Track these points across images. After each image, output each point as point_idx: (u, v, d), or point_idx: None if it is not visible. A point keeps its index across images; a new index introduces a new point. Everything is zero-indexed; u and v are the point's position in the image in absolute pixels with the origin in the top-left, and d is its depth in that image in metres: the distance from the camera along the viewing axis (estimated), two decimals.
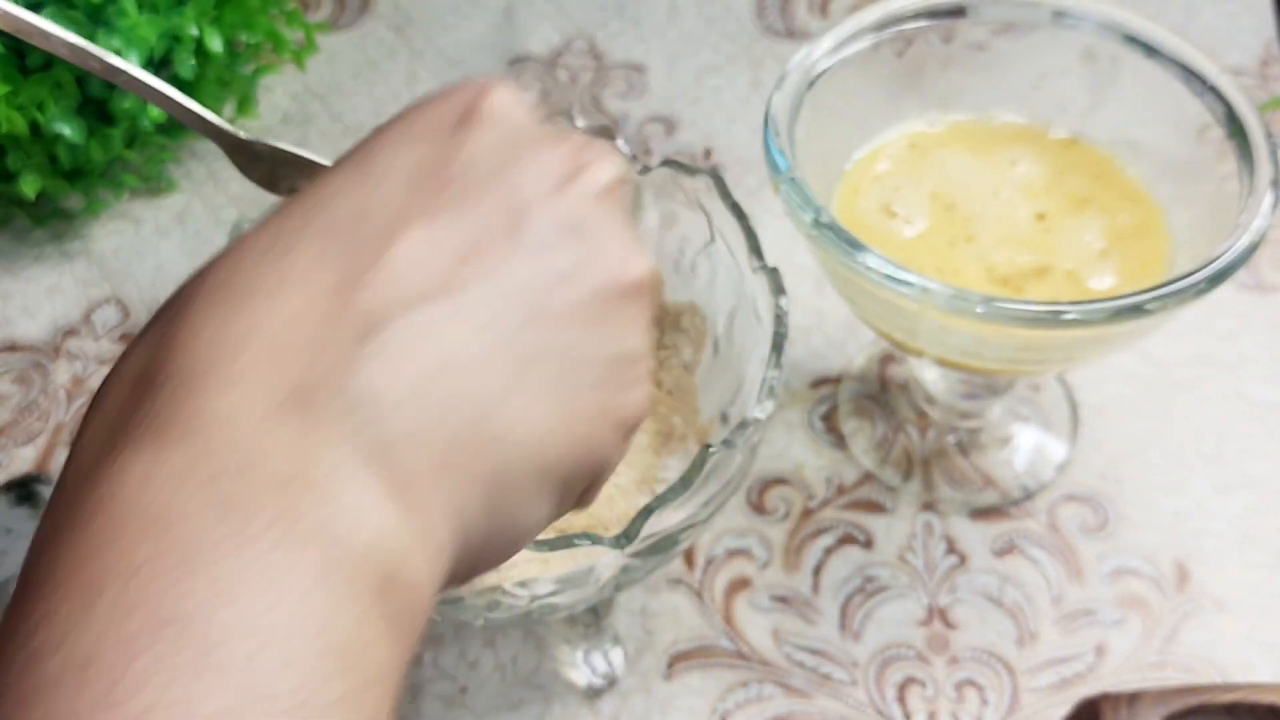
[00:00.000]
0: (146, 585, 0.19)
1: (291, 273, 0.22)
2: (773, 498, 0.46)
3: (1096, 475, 0.46)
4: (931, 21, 0.42)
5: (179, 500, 0.20)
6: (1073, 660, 0.42)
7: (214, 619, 0.19)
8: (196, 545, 0.19)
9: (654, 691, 0.42)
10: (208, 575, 0.19)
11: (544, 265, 0.24)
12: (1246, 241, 0.35)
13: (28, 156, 0.51)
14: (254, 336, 0.21)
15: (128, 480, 0.20)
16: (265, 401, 0.21)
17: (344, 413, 0.21)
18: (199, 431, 0.20)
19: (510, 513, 0.24)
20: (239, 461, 0.20)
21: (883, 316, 0.38)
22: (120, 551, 0.19)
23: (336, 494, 0.20)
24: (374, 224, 0.23)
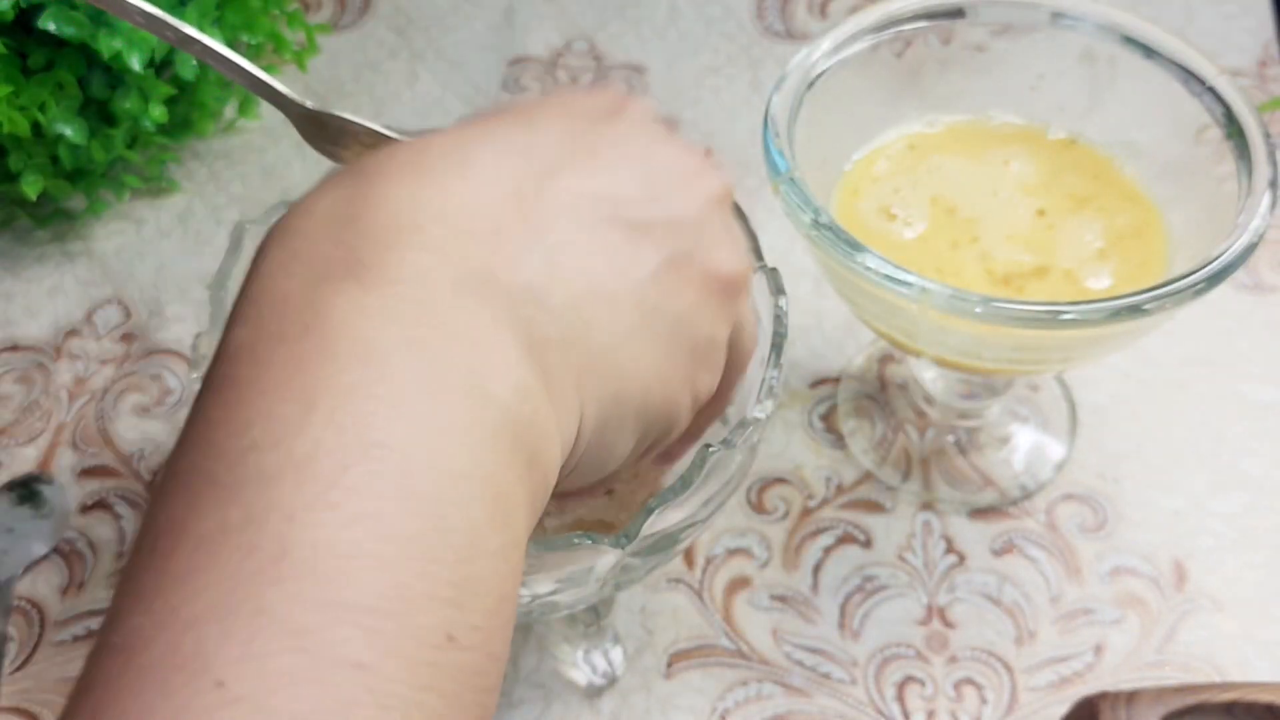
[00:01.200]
0: (358, 406, 0.21)
1: (476, 165, 0.25)
2: (772, 497, 0.46)
3: (1095, 475, 0.46)
4: (930, 23, 0.42)
5: (385, 336, 0.22)
6: (1071, 659, 0.42)
7: (411, 453, 0.21)
8: (400, 383, 0.21)
9: (654, 690, 0.42)
10: (409, 412, 0.21)
11: (672, 240, 0.27)
12: (1244, 242, 0.35)
13: (29, 157, 0.52)
14: (447, 209, 0.24)
15: (337, 308, 0.22)
16: (455, 272, 0.23)
17: (518, 302, 0.24)
18: (402, 281, 0.22)
19: (611, 437, 0.27)
20: (433, 316, 0.22)
21: (882, 317, 0.38)
22: (333, 370, 0.21)
23: (509, 372, 0.23)
24: (543, 156, 0.26)
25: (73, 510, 0.48)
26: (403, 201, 0.24)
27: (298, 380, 0.21)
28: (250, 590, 0.19)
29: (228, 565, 0.19)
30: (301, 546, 0.19)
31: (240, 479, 0.20)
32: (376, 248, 0.23)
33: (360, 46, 0.64)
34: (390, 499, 0.20)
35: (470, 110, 0.61)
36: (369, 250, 0.23)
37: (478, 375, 0.22)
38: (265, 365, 0.22)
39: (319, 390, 0.21)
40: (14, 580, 0.45)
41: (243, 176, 0.59)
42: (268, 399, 0.21)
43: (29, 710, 0.42)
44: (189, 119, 0.57)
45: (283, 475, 0.20)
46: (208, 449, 0.21)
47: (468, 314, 0.23)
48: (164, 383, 0.51)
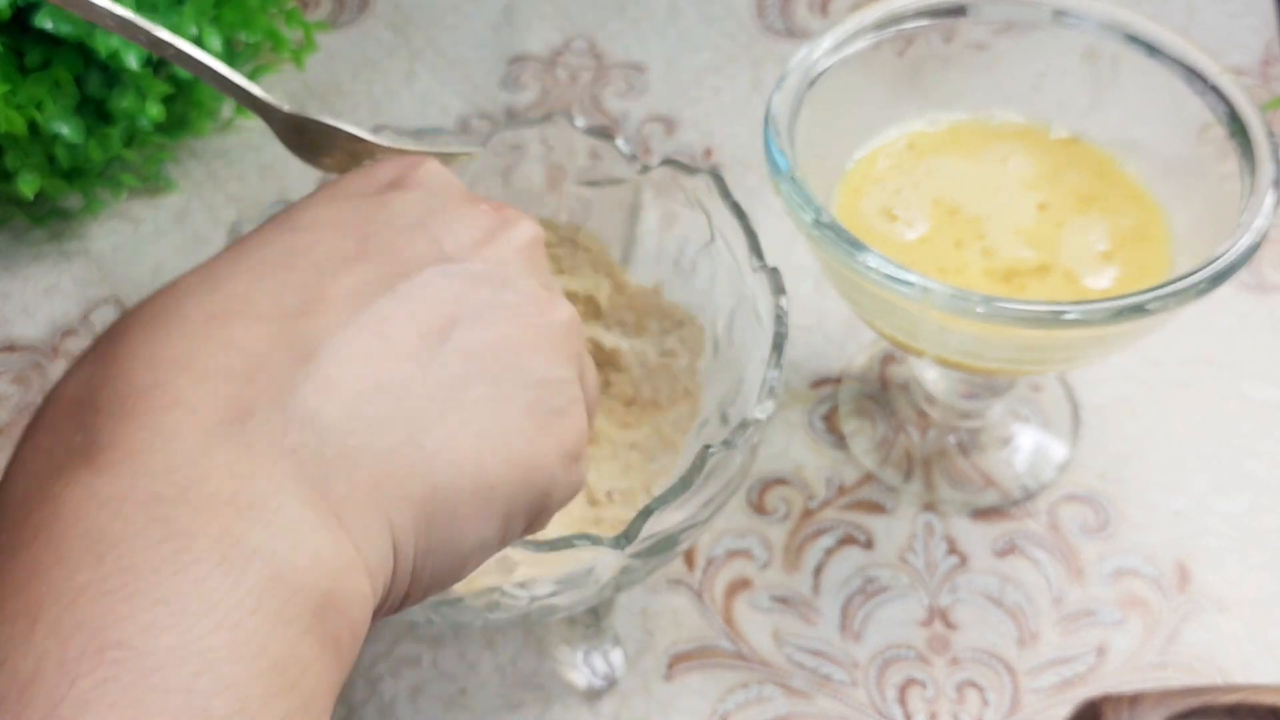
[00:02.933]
0: (88, 608, 0.19)
1: (227, 303, 0.23)
2: (773, 498, 0.46)
3: (1097, 475, 0.46)
4: (932, 21, 0.42)
5: (119, 522, 0.20)
6: (1074, 661, 0.42)
7: (155, 643, 0.19)
8: (138, 568, 0.19)
9: (654, 692, 0.42)
10: (149, 599, 0.19)
11: (469, 305, 0.25)
12: (1247, 241, 0.35)
13: (26, 156, 0.51)
14: (192, 359, 0.22)
15: (68, 502, 0.20)
16: (204, 422, 0.21)
17: (281, 433, 0.21)
18: (139, 453, 0.20)
19: (449, 533, 0.24)
20: (179, 481, 0.20)
21: (883, 316, 0.38)
22: (62, 574, 0.19)
23: (274, 517, 0.21)
24: (305, 263, 0.24)
25: None
26: (148, 359, 0.22)
27: (27, 592, 0.19)
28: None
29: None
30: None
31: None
32: (113, 421, 0.21)
33: (358, 45, 0.64)
34: (127, 704, 0.18)
35: (470, 109, 0.61)
36: (107, 425, 0.21)
37: (233, 536, 0.20)
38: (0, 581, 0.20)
39: (47, 600, 0.19)
40: None
41: (240, 176, 0.59)
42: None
43: None
44: (186, 118, 0.57)
45: (3, 703, 0.18)
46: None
47: (224, 465, 0.21)
48: None
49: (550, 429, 0.26)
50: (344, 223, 0.25)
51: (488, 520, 0.25)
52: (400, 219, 0.26)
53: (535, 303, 0.27)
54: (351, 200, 0.26)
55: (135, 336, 0.22)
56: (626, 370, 0.42)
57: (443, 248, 0.26)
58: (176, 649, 0.19)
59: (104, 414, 0.21)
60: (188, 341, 0.22)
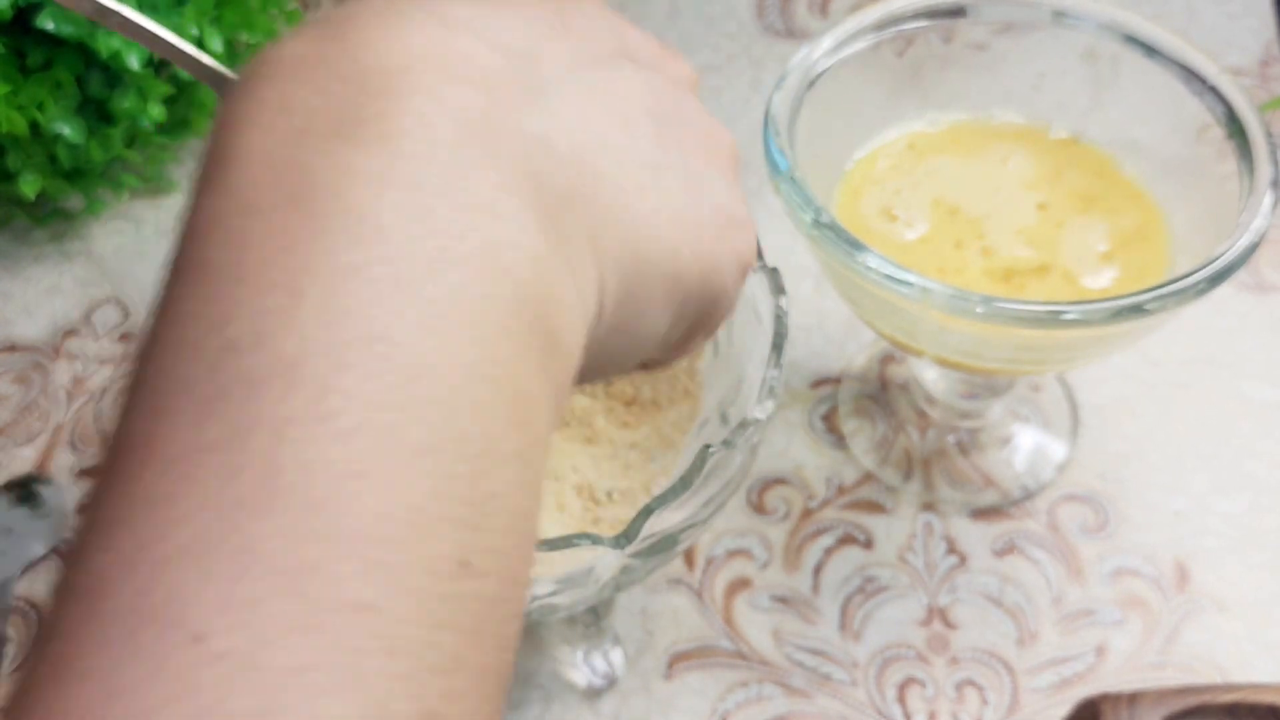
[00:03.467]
0: (355, 294, 0.18)
1: (457, 16, 0.21)
2: (773, 498, 0.46)
3: (1097, 475, 0.46)
4: (931, 21, 0.42)
5: (384, 205, 0.18)
6: (1073, 660, 0.42)
7: (419, 348, 0.18)
8: (404, 263, 0.18)
9: (654, 691, 0.42)
10: (419, 299, 0.18)
11: (665, 105, 0.25)
12: (1246, 241, 0.35)
13: (27, 156, 0.51)
14: (438, 55, 0.20)
15: (324, 170, 0.19)
16: (454, 120, 0.20)
17: (524, 153, 0.21)
18: (397, 136, 0.19)
19: (638, 308, 0.24)
20: (440, 175, 0.19)
21: (883, 316, 0.38)
22: (324, 250, 0.18)
23: (525, 239, 0.20)
24: (515, 17, 0.23)
25: (71, 511, 0.47)
26: (386, 43, 0.20)
27: (282, 263, 0.18)
28: (233, 522, 0.16)
29: (205, 492, 0.16)
30: (291, 468, 0.16)
31: (217, 387, 0.17)
32: (364, 94, 0.19)
33: None
34: (396, 406, 0.17)
35: None
36: (355, 97, 0.19)
37: (490, 248, 0.19)
38: (243, 245, 0.18)
39: (308, 275, 0.18)
40: (13, 581, 0.45)
41: None
42: (247, 287, 0.18)
43: None
44: (187, 118, 0.57)
45: (268, 381, 0.17)
46: (178, 350, 0.18)
47: (475, 172, 0.20)
48: None
49: (730, 238, 0.26)
50: (547, 11, 0.24)
51: (668, 305, 0.24)
52: (594, 23, 0.25)
53: (712, 126, 0.27)
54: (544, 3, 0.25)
55: (370, 20, 0.21)
56: None
57: (633, 54, 0.26)
58: (437, 359, 0.18)
59: (351, 82, 0.20)
60: (427, 41, 0.21)
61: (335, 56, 0.20)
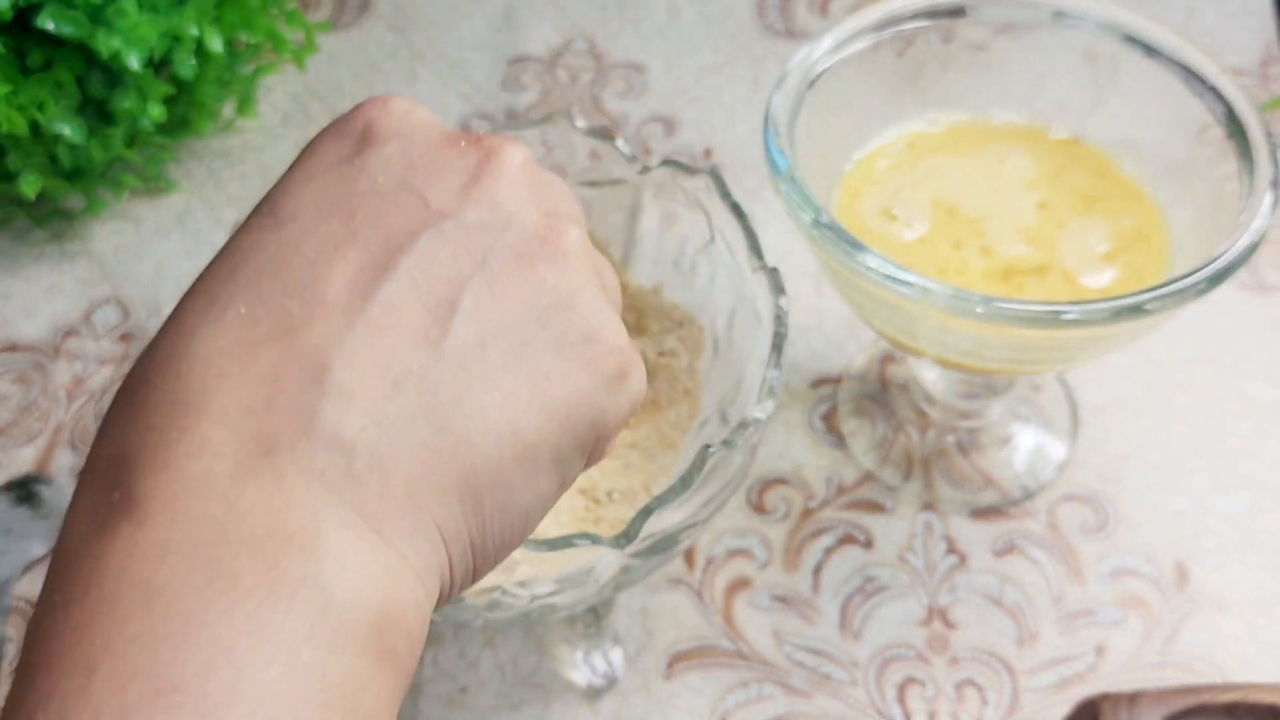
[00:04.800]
0: (141, 656, 0.19)
1: (233, 328, 0.22)
2: (773, 498, 0.46)
3: (1096, 475, 0.46)
4: (931, 21, 0.42)
5: (164, 570, 0.20)
6: (1073, 660, 0.42)
7: (210, 683, 0.19)
8: (186, 612, 0.19)
9: (654, 691, 0.42)
10: (200, 640, 0.19)
11: (471, 263, 0.24)
12: (1246, 241, 0.35)
13: (28, 156, 0.51)
14: (210, 401, 0.21)
15: (113, 555, 0.20)
16: (232, 461, 0.21)
17: (308, 457, 0.21)
18: (174, 502, 0.20)
19: (503, 500, 0.23)
20: (217, 524, 0.20)
21: (883, 316, 0.38)
22: (113, 625, 0.19)
23: (315, 543, 0.21)
24: (297, 262, 0.23)
25: None
26: (162, 412, 0.22)
27: (80, 647, 0.19)
28: None
29: None
30: None
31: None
32: (147, 475, 0.21)
33: (359, 46, 0.64)
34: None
35: (470, 110, 0.61)
36: (141, 482, 0.21)
37: (278, 570, 0.20)
38: (51, 639, 0.20)
39: (100, 652, 0.19)
40: (12, 581, 0.45)
41: (241, 176, 0.59)
42: (52, 676, 0.19)
43: None
44: (187, 118, 0.57)
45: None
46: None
47: (256, 506, 0.20)
48: None
49: (583, 360, 0.24)
50: (326, 202, 0.24)
51: (539, 476, 0.24)
52: (381, 182, 0.24)
53: (538, 236, 0.25)
54: (330, 172, 0.25)
55: (153, 384, 0.22)
56: None
57: (430, 205, 0.24)
58: (232, 687, 0.19)
59: (138, 469, 0.21)
60: (203, 382, 0.22)
61: (126, 443, 0.22)
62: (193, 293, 0.24)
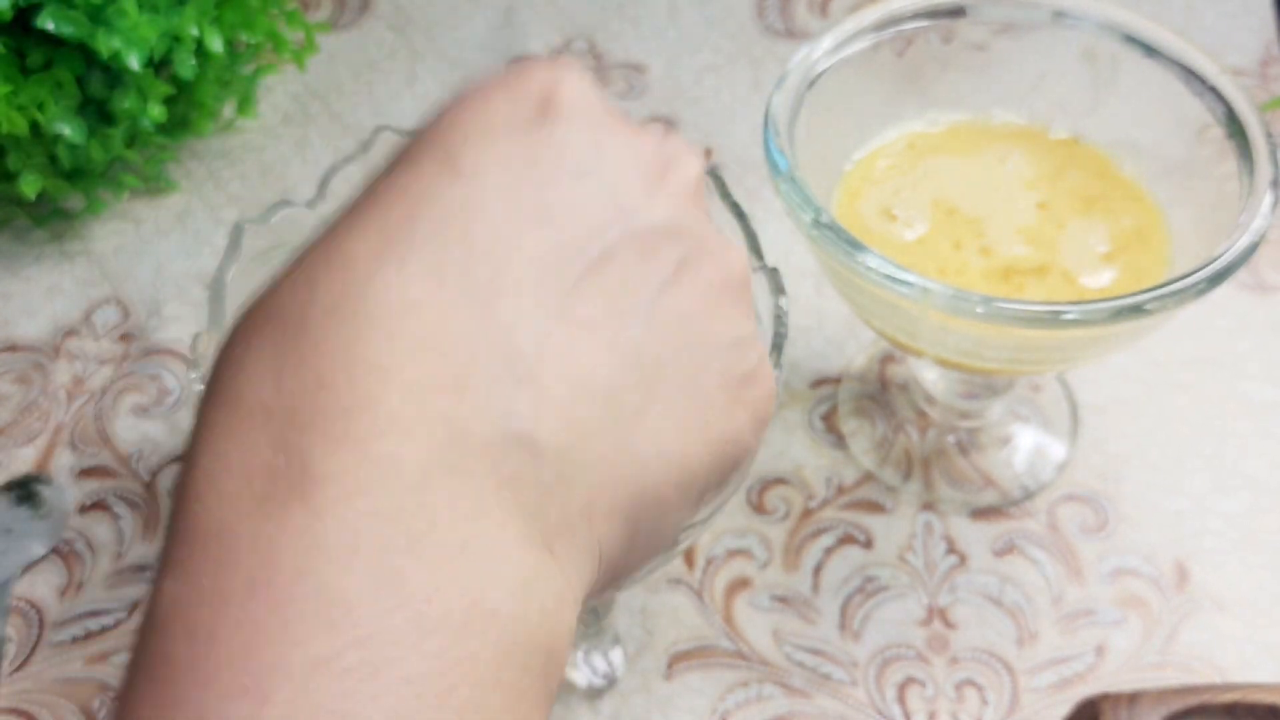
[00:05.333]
0: (326, 689, 0.17)
1: (415, 286, 0.20)
2: (773, 498, 0.46)
3: (1096, 475, 0.46)
4: (931, 21, 0.42)
5: (349, 580, 0.18)
6: (1073, 660, 0.42)
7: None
8: (374, 640, 0.17)
9: (654, 691, 0.42)
10: (392, 678, 0.17)
11: (654, 270, 0.23)
12: (1246, 242, 0.35)
13: (28, 156, 0.51)
14: (398, 364, 0.19)
15: (285, 550, 0.18)
16: (422, 448, 0.19)
17: (500, 459, 0.19)
18: (359, 491, 0.18)
19: (655, 526, 0.23)
20: (407, 529, 0.18)
21: (883, 316, 0.38)
22: (289, 643, 0.17)
23: (504, 569, 0.19)
24: (482, 225, 0.21)
25: (71, 511, 0.47)
26: (339, 367, 0.19)
27: (246, 664, 0.17)
28: None
29: None
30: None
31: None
32: (323, 446, 0.18)
33: (359, 46, 0.64)
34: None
35: None
36: (316, 453, 0.18)
37: (471, 595, 0.18)
38: (208, 640, 0.17)
39: (275, 675, 0.17)
40: (12, 581, 0.45)
41: (241, 176, 0.59)
42: (212, 691, 0.17)
43: (27, 711, 0.42)
44: (187, 118, 0.57)
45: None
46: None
47: (446, 509, 0.19)
48: (162, 383, 0.51)
49: (743, 399, 0.24)
50: (513, 167, 0.22)
51: (689, 505, 0.24)
52: (568, 161, 0.23)
53: (713, 253, 0.24)
54: (512, 136, 0.22)
55: (323, 328, 0.20)
56: None
57: (618, 199, 0.23)
58: None
59: (310, 433, 0.19)
60: (388, 341, 0.19)
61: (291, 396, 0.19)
62: (359, 223, 0.21)
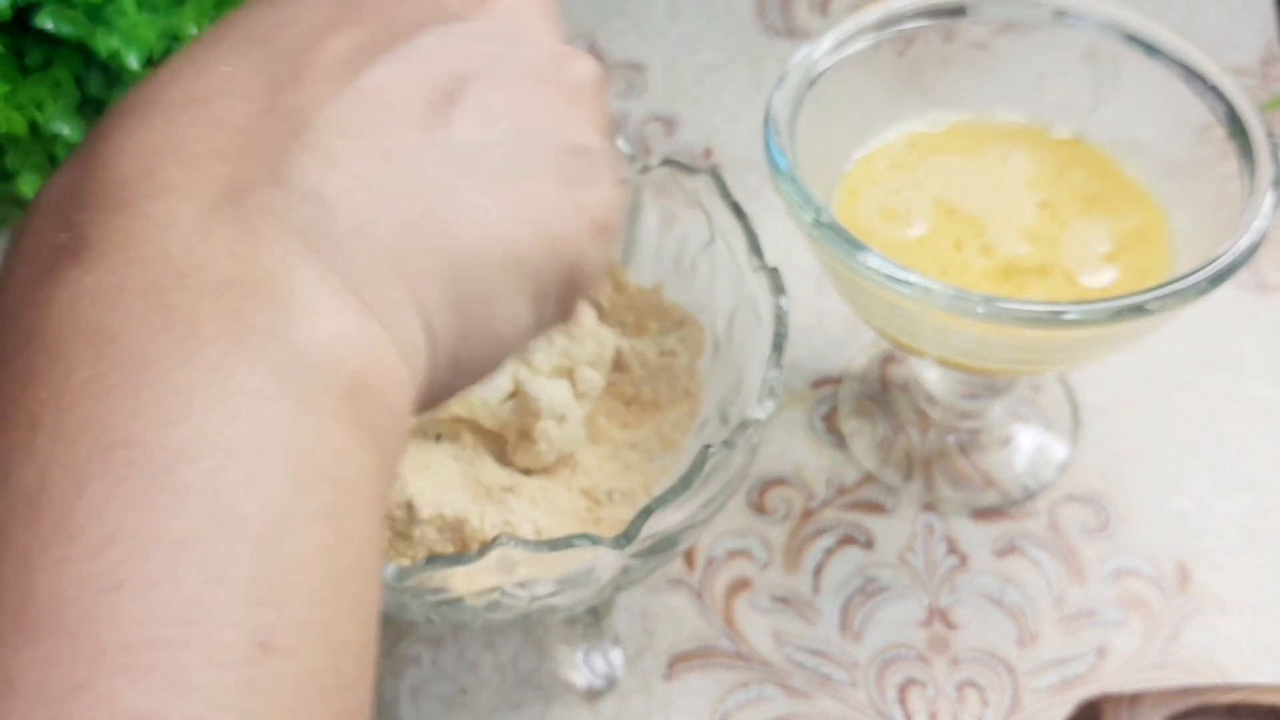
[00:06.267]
0: (90, 407, 0.17)
1: (211, 81, 0.21)
2: (773, 498, 0.46)
3: (1097, 475, 0.46)
4: (932, 21, 0.42)
5: (116, 315, 0.18)
6: (1074, 661, 0.42)
7: (167, 437, 0.17)
8: (140, 360, 0.17)
9: (654, 692, 0.42)
10: (155, 391, 0.17)
11: (478, 63, 0.22)
12: (1247, 241, 0.35)
13: (26, 156, 0.51)
14: (180, 142, 0.20)
15: (58, 302, 0.18)
16: (198, 204, 0.19)
17: (284, 208, 0.19)
18: (130, 244, 0.18)
19: (484, 311, 0.22)
20: (176, 268, 0.18)
21: (883, 316, 0.38)
22: (58, 374, 0.17)
23: (286, 294, 0.19)
24: (294, 32, 0.22)
25: None
26: (134, 148, 0.20)
27: (23, 398, 0.17)
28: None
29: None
30: (44, 595, 0.16)
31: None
32: (102, 214, 0.19)
33: None
34: (145, 505, 0.16)
35: None
36: (94, 221, 0.19)
37: (243, 319, 0.18)
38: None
39: (45, 404, 0.17)
40: None
41: None
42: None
43: None
44: None
45: (12, 517, 0.16)
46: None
47: (225, 246, 0.18)
48: None
49: (577, 200, 0.23)
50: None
51: (519, 295, 0.23)
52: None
53: (555, 59, 0.24)
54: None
55: (120, 127, 0.20)
56: (627, 370, 0.42)
57: (442, 5, 0.23)
58: (191, 442, 0.17)
59: (90, 208, 0.19)
60: (172, 126, 0.20)
61: (79, 184, 0.20)
62: (173, 57, 0.22)
